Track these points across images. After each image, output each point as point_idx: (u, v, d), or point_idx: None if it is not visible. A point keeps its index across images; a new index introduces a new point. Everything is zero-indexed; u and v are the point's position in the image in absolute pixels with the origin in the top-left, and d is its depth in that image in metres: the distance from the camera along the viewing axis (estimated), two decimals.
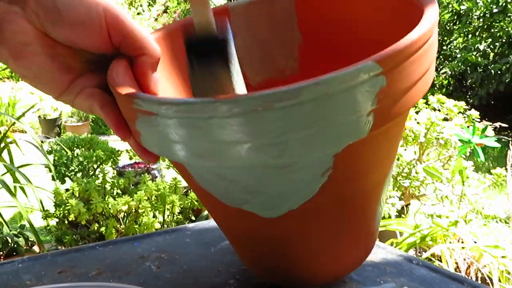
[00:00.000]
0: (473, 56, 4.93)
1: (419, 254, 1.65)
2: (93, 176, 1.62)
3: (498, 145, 1.72)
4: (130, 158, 2.11)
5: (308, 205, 0.32)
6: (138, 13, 6.53)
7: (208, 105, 0.26)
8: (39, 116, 4.98)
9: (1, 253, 1.52)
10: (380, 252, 0.53)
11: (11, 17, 0.30)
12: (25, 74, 0.33)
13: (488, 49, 5.03)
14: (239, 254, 0.44)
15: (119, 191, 1.52)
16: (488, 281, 1.32)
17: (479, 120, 2.07)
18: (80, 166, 1.68)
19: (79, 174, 1.68)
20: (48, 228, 1.65)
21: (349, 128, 0.27)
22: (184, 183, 1.60)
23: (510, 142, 1.88)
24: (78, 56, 0.34)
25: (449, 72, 5.36)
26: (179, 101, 0.27)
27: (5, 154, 1.73)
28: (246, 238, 0.40)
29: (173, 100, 0.27)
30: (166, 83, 0.42)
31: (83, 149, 1.82)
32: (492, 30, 4.97)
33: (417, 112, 2.00)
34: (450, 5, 5.23)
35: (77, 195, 1.45)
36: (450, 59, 5.39)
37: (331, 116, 0.26)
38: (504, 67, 4.61)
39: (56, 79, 0.33)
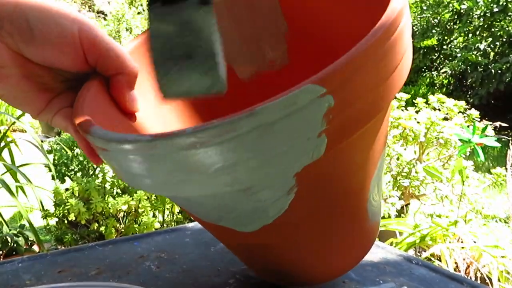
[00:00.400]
0: (474, 56, 4.93)
1: (419, 254, 1.65)
2: (93, 176, 1.62)
3: (498, 144, 1.72)
4: None
5: (282, 219, 0.31)
6: (138, 13, 6.52)
7: (148, 143, 0.25)
8: None
9: (1, 252, 1.52)
10: (379, 252, 0.53)
11: None
12: (2, 94, 0.32)
13: (489, 49, 5.03)
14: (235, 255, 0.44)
15: (119, 190, 1.52)
16: (488, 281, 1.32)
17: (479, 119, 2.07)
18: (80, 166, 1.68)
19: (79, 174, 1.68)
20: (48, 227, 1.65)
21: (299, 153, 0.25)
22: None
23: (510, 141, 1.88)
24: (55, 76, 0.34)
25: (449, 72, 5.36)
26: (120, 139, 0.27)
27: (5, 154, 1.73)
28: (235, 246, 0.40)
29: (116, 138, 0.27)
30: (151, 94, 0.41)
31: None
32: (493, 30, 4.97)
33: (417, 112, 2.01)
34: (451, 5, 5.23)
35: (77, 194, 1.45)
36: (450, 58, 5.39)
37: (276, 144, 0.24)
38: (504, 66, 4.61)
39: (34, 99, 0.33)
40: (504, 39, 4.86)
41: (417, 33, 5.60)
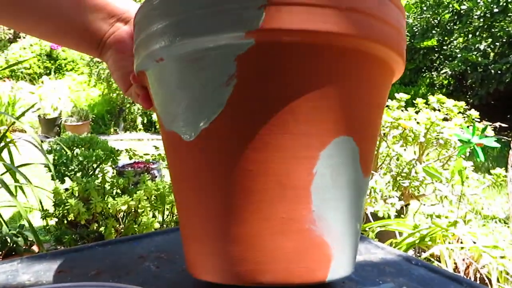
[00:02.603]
0: (473, 56, 4.93)
1: (418, 254, 1.65)
2: (93, 176, 1.62)
3: (497, 145, 1.71)
4: (130, 158, 2.12)
5: (218, 124, 0.34)
6: None
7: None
8: (39, 116, 4.98)
9: (0, 252, 1.52)
10: (379, 252, 0.53)
11: (119, 31, 0.46)
12: (113, 71, 0.48)
13: (488, 49, 5.03)
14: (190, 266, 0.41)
15: (118, 190, 1.52)
16: (487, 281, 1.32)
17: (479, 120, 2.07)
18: (79, 166, 1.68)
19: (78, 174, 1.68)
20: (47, 228, 1.65)
21: (241, 15, 0.31)
22: None
23: (511, 142, 1.88)
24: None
25: (449, 72, 5.36)
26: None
27: (5, 154, 1.73)
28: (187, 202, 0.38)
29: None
30: None
31: (82, 148, 1.82)
32: (493, 30, 4.97)
33: (417, 112, 2.01)
34: (451, 5, 5.23)
35: (76, 194, 1.45)
36: (450, 59, 5.40)
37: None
38: (504, 67, 4.61)
39: (123, 82, 0.48)
40: (504, 40, 4.86)
41: (417, 33, 5.59)
